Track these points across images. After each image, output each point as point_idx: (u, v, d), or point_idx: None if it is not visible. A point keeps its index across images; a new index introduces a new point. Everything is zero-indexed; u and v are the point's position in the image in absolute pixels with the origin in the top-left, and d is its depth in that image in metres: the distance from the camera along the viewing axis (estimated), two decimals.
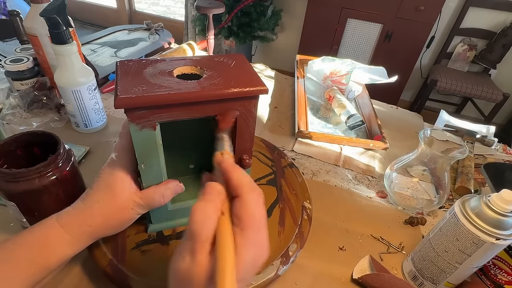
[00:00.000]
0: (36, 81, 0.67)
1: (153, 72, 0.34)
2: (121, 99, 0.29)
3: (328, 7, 1.97)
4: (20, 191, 0.37)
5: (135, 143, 0.34)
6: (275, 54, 2.66)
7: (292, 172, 0.57)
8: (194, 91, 0.31)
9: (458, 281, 0.41)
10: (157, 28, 1.08)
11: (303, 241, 0.45)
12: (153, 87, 0.31)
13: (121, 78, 0.32)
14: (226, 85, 0.33)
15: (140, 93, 0.30)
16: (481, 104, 2.10)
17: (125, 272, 0.38)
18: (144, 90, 0.30)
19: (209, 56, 0.39)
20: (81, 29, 3.14)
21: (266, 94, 0.34)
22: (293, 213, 0.49)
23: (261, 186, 0.53)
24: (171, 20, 3.12)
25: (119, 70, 0.34)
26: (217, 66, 0.37)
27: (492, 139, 0.74)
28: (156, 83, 0.32)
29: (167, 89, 0.31)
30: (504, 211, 0.34)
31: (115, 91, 0.30)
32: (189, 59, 0.38)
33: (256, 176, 0.54)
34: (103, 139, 0.63)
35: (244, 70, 0.37)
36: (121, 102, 0.29)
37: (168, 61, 0.36)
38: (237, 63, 0.38)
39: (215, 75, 0.35)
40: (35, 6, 0.60)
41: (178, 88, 0.31)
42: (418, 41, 1.94)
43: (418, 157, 0.52)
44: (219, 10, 1.08)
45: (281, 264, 0.41)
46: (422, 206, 0.54)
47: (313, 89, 0.90)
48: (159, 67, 0.35)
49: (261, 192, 0.27)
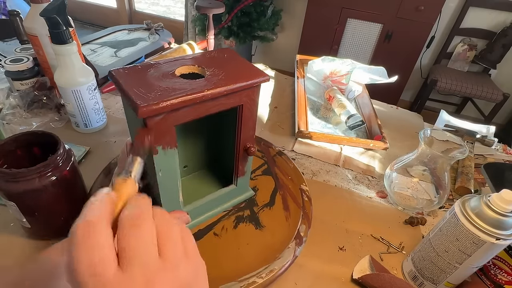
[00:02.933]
0: (36, 81, 0.67)
1: (157, 76, 0.33)
2: (143, 108, 0.28)
3: (328, 7, 1.97)
4: (20, 191, 0.37)
5: (157, 165, 0.34)
6: (275, 54, 2.66)
7: (282, 159, 0.60)
8: (208, 89, 0.32)
9: (458, 281, 0.41)
10: (157, 28, 1.08)
11: (309, 221, 0.48)
12: (167, 91, 0.30)
13: (128, 86, 0.31)
14: (232, 79, 0.34)
15: (159, 98, 0.29)
16: (481, 104, 2.10)
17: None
18: (161, 95, 0.29)
19: (199, 54, 0.40)
20: (81, 29, 3.14)
21: (268, 82, 0.37)
22: (294, 197, 0.52)
23: (258, 177, 0.55)
24: (171, 20, 3.12)
25: (118, 79, 0.32)
26: (213, 63, 0.37)
27: (492, 139, 0.74)
28: (168, 86, 0.31)
29: (182, 90, 0.31)
30: (504, 211, 0.34)
31: (129, 101, 0.29)
32: (183, 59, 0.38)
33: (253, 167, 0.56)
34: (103, 139, 0.63)
35: (238, 62, 0.38)
36: (144, 111, 0.28)
37: (163, 63, 0.36)
38: (228, 56, 0.39)
39: (217, 71, 0.36)
40: (35, 6, 0.60)
41: (192, 88, 0.32)
42: (418, 41, 1.94)
43: (418, 157, 0.52)
44: (219, 10, 1.08)
45: (296, 246, 0.44)
46: (422, 206, 0.54)
47: (313, 89, 0.90)
48: (160, 70, 0.35)
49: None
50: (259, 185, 0.54)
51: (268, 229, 0.47)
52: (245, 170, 0.46)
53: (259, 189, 0.53)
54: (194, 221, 0.45)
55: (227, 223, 0.47)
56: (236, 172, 0.45)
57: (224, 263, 0.41)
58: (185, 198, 0.43)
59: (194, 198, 0.45)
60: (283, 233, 0.46)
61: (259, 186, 0.53)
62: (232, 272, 0.40)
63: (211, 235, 0.45)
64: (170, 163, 0.35)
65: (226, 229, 0.46)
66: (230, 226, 0.46)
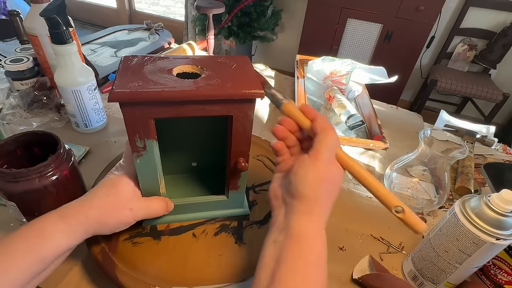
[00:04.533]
0: (36, 81, 0.67)
1: (152, 69, 0.34)
2: (115, 93, 0.29)
3: (328, 7, 1.97)
4: (20, 191, 0.37)
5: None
6: (275, 54, 2.66)
7: None
8: (188, 90, 0.31)
9: (458, 281, 0.41)
10: (157, 28, 1.08)
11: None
12: (149, 83, 0.31)
13: (121, 74, 0.32)
14: (222, 86, 0.33)
15: (135, 88, 0.30)
16: (481, 104, 2.10)
17: (114, 261, 0.39)
18: (140, 85, 0.31)
19: (212, 56, 0.39)
20: (81, 29, 3.14)
21: (261, 98, 0.33)
22: None
23: (262, 191, 0.52)
24: (171, 20, 3.12)
25: (121, 65, 0.34)
26: (217, 67, 0.36)
27: (492, 139, 0.74)
28: (153, 79, 0.32)
29: (162, 86, 0.31)
30: (504, 211, 0.34)
31: (112, 85, 0.31)
32: (191, 58, 0.38)
33: (260, 181, 0.54)
34: (103, 139, 0.63)
35: (244, 72, 0.36)
36: (115, 96, 0.30)
37: (171, 59, 0.37)
38: (238, 65, 0.38)
39: (214, 75, 0.35)
40: (35, 6, 0.60)
41: (173, 86, 0.31)
42: (418, 41, 1.94)
43: (418, 157, 0.52)
44: (219, 10, 1.08)
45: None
46: (422, 206, 0.54)
47: (313, 89, 0.90)
48: (159, 65, 0.35)
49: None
50: (259, 200, 0.50)
51: (248, 247, 0.43)
52: (238, 185, 0.43)
53: (258, 204, 0.50)
54: (178, 215, 0.45)
55: (209, 228, 0.45)
56: (227, 184, 0.43)
57: (189, 267, 0.40)
58: (174, 192, 0.42)
59: (183, 195, 0.45)
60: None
61: (259, 201, 0.50)
62: (191, 278, 0.39)
63: (190, 235, 0.44)
64: (149, 153, 0.36)
65: (207, 233, 0.44)
66: (212, 232, 0.45)
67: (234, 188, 0.44)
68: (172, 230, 0.44)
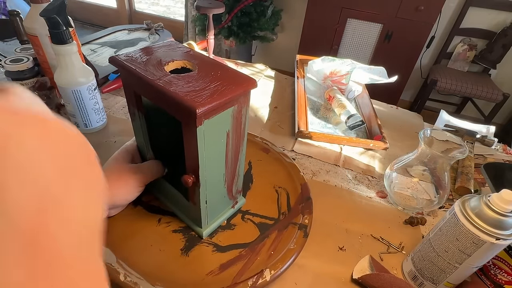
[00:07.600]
0: (36, 81, 0.67)
1: (157, 56, 0.36)
2: (113, 58, 0.35)
3: (328, 7, 1.97)
4: None
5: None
6: (275, 54, 2.66)
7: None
8: (154, 79, 0.32)
9: (458, 281, 0.41)
10: (157, 28, 1.08)
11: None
12: (140, 64, 0.34)
13: (137, 52, 0.37)
14: (184, 89, 0.30)
15: (128, 62, 0.34)
16: (481, 104, 2.10)
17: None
18: (132, 62, 0.35)
19: (213, 59, 0.38)
20: (81, 29, 3.14)
21: (195, 121, 0.29)
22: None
23: (250, 222, 0.47)
24: (171, 20, 3.12)
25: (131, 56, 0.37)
26: (209, 71, 0.34)
27: (492, 139, 0.74)
28: (147, 63, 0.35)
29: (144, 68, 0.34)
30: (504, 211, 0.34)
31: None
32: (196, 55, 0.38)
33: (258, 211, 0.49)
34: (103, 139, 0.63)
35: (225, 80, 0.33)
36: (112, 60, 0.35)
37: (183, 51, 0.39)
38: (228, 73, 0.34)
39: (197, 77, 0.33)
40: (35, 6, 0.60)
41: (151, 71, 0.33)
42: (418, 41, 1.94)
43: (418, 157, 0.52)
44: (219, 10, 1.08)
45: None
46: (422, 206, 0.54)
47: (313, 89, 0.90)
48: (168, 54, 0.37)
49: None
50: (238, 227, 0.46)
51: (188, 261, 0.40)
52: (194, 201, 0.39)
53: (233, 229, 0.45)
54: (162, 196, 0.47)
55: (174, 223, 0.45)
56: (188, 194, 0.41)
57: (130, 243, 0.41)
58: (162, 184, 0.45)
59: (164, 184, 0.45)
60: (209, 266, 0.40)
61: (237, 228, 0.46)
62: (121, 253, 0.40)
63: (156, 218, 0.45)
64: (137, 121, 0.40)
65: (169, 226, 0.45)
66: (174, 227, 0.44)
67: (192, 201, 0.40)
68: (150, 206, 0.47)
